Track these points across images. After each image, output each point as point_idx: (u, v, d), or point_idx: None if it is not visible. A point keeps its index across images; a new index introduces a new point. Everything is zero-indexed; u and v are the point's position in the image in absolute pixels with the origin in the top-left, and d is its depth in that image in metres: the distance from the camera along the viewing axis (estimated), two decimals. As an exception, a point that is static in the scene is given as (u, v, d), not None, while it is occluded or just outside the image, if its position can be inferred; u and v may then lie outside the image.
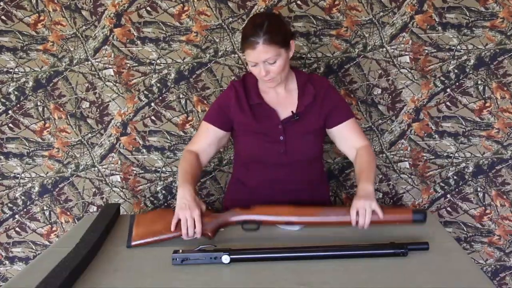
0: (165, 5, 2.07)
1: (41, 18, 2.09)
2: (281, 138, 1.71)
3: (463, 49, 2.07)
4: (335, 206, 2.12)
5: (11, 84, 2.14)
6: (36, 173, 2.23)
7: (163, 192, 2.25)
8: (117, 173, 2.23)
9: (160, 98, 2.15)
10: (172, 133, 2.18)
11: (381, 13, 2.06)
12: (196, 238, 1.49)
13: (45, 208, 2.26)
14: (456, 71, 2.09)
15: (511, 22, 2.03)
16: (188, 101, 2.15)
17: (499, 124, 2.13)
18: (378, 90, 2.13)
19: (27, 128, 2.19)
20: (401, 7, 2.05)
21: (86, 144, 2.20)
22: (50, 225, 2.28)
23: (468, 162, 2.17)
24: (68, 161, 2.22)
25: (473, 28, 2.05)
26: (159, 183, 2.24)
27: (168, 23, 2.09)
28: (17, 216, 2.27)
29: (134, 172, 2.23)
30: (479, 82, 2.10)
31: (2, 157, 2.21)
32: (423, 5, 2.04)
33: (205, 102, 2.13)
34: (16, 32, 2.10)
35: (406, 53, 2.08)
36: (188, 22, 2.08)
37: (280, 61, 1.59)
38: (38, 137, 2.20)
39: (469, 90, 2.10)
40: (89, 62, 2.13)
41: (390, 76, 2.11)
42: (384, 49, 2.09)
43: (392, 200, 2.23)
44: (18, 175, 2.23)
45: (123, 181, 2.24)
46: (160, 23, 2.09)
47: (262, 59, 1.56)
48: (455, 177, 2.19)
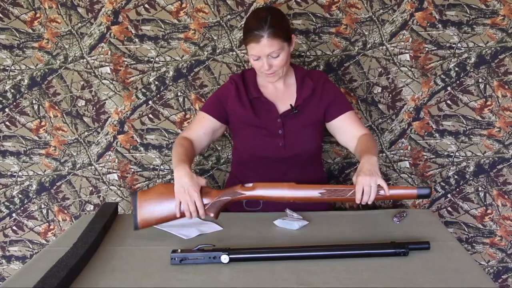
0: (163, 2, 2.06)
1: (38, 15, 2.08)
2: (280, 131, 1.72)
3: (464, 47, 2.06)
4: (338, 185, 2.11)
5: (7, 82, 2.13)
6: (33, 171, 2.21)
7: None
8: (114, 171, 2.22)
9: (158, 96, 2.14)
10: (170, 131, 2.17)
11: (381, 11, 2.04)
12: (197, 235, 1.51)
13: (42, 206, 2.25)
14: (456, 69, 2.08)
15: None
16: (186, 99, 2.14)
17: (500, 123, 2.11)
18: (378, 88, 2.11)
19: (23, 126, 2.17)
20: (401, 4, 2.03)
21: (83, 142, 2.19)
22: (47, 223, 2.27)
23: (469, 162, 2.16)
24: (65, 159, 2.21)
25: (474, 26, 2.04)
26: (157, 181, 2.22)
27: (166, 21, 2.07)
28: (14, 214, 2.26)
29: (132, 170, 2.21)
30: (480, 81, 2.08)
31: (-2, 155, 2.21)
32: (423, 3, 2.03)
33: (203, 100, 2.12)
34: (13, 30, 2.09)
35: (406, 51, 2.07)
36: (186, 20, 2.07)
37: (283, 55, 1.61)
38: (34, 135, 2.18)
39: (470, 88, 2.09)
40: (85, 60, 2.11)
41: (390, 74, 2.10)
42: (384, 47, 2.07)
43: (391, 200, 2.21)
44: (15, 173, 2.22)
45: (121, 180, 2.22)
46: (159, 21, 2.07)
47: (266, 52, 1.57)
48: (455, 177, 2.18)
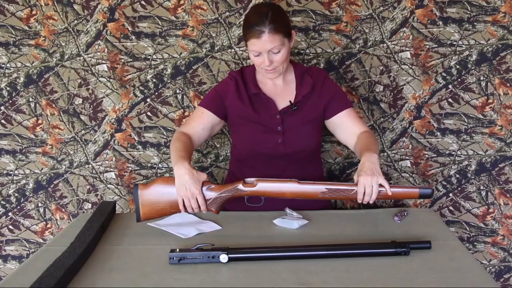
0: (160, -1, 2.05)
1: (34, 12, 2.06)
2: (279, 128, 1.71)
3: (465, 44, 2.04)
4: (339, 182, 2.10)
5: (3, 80, 2.11)
6: (30, 169, 2.20)
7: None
8: (111, 170, 2.20)
9: (156, 93, 2.12)
10: (169, 129, 2.15)
11: (381, 8, 2.03)
12: (195, 235, 1.52)
13: (40, 204, 2.23)
14: (457, 67, 2.06)
15: (513, 16, 2.01)
16: (184, 96, 2.12)
17: (502, 121, 2.10)
18: (380, 87, 2.10)
19: (19, 124, 2.16)
20: (401, 1, 2.02)
21: (80, 141, 2.17)
22: (44, 222, 2.25)
23: (470, 160, 2.14)
24: (62, 158, 2.19)
25: (475, 23, 2.02)
26: (155, 179, 2.21)
27: (164, 18, 2.06)
28: (10, 213, 2.24)
29: (130, 168, 2.20)
30: (482, 78, 2.07)
31: (-6, 153, 2.19)
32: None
33: (202, 97, 2.10)
34: (8, 27, 2.07)
35: (407, 49, 2.06)
36: (184, 16, 2.05)
37: (284, 50, 1.61)
38: (31, 134, 2.17)
39: (471, 86, 2.07)
40: (81, 58, 2.10)
41: (392, 72, 2.08)
42: (385, 44, 2.06)
43: (392, 201, 2.19)
44: (11, 172, 2.20)
45: (118, 178, 2.21)
46: (156, 18, 2.06)
47: (267, 48, 1.57)
48: (457, 176, 2.16)
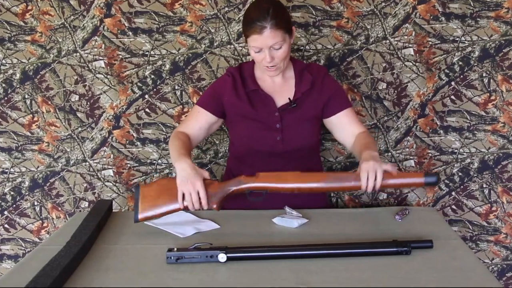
0: (157, -6, 2.02)
1: (29, 7, 2.04)
2: (277, 125, 1.70)
3: (468, 40, 2.02)
4: (342, 171, 2.07)
5: (-2, 76, 2.10)
6: (26, 167, 2.18)
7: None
8: (109, 167, 2.18)
9: (155, 90, 2.10)
10: (168, 125, 2.13)
11: (383, 4, 2.01)
12: (193, 233, 1.49)
13: (36, 203, 2.21)
14: (460, 63, 2.04)
15: (516, 12, 1.99)
16: (183, 92, 2.10)
17: (504, 118, 2.07)
18: (383, 84, 2.07)
19: (15, 121, 2.14)
20: (403, -4, 2.00)
21: (77, 138, 2.15)
22: (40, 221, 2.24)
23: (473, 158, 2.12)
24: (58, 155, 2.17)
25: (478, 19, 2.00)
26: (154, 176, 2.19)
27: (161, 13, 2.04)
28: (5, 212, 2.22)
29: (128, 165, 2.18)
30: (484, 75, 2.05)
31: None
32: (426, -5, 2.00)
33: (201, 93, 2.08)
34: (4, 22, 2.05)
35: (410, 45, 2.03)
36: (182, 12, 2.03)
37: (285, 46, 1.59)
38: (26, 131, 2.15)
39: (474, 83, 2.05)
40: (78, 54, 2.08)
41: (395, 69, 2.06)
42: (388, 41, 2.03)
43: (396, 200, 2.19)
44: (6, 170, 2.18)
45: (116, 175, 2.19)
46: (152, 13, 2.03)
47: (269, 44, 1.56)
48: (460, 174, 2.14)
